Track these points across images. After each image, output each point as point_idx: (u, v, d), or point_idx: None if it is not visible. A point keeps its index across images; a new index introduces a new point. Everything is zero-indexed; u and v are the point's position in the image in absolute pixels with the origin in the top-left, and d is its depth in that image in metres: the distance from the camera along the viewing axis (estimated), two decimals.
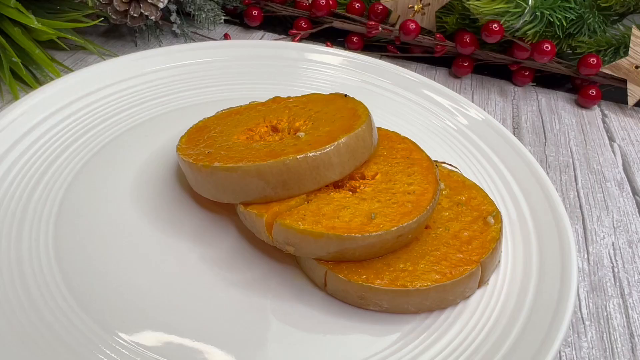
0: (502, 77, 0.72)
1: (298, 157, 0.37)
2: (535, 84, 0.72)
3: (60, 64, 0.61)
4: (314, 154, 0.37)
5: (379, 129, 0.46)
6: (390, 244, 0.36)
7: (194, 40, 0.72)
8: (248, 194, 0.38)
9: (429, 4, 0.68)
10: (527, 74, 0.70)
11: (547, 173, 0.55)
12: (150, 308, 0.36)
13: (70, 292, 0.36)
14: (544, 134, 0.62)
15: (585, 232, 0.49)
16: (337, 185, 0.40)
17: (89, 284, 0.37)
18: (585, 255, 0.47)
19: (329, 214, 0.37)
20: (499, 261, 0.41)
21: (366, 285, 0.35)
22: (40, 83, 0.58)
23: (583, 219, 0.51)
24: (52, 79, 0.57)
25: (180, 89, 0.55)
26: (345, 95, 0.46)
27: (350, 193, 0.39)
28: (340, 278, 0.36)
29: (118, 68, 0.54)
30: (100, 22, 0.62)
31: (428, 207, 0.37)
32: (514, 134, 0.61)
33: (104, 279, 0.37)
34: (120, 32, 0.72)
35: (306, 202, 0.38)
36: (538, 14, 0.64)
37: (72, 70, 0.60)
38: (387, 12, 0.71)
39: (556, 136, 0.62)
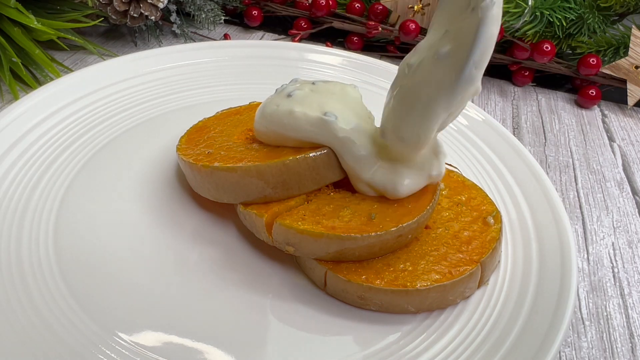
0: (502, 77, 0.72)
1: (298, 157, 0.37)
2: (535, 84, 0.72)
3: (60, 64, 0.61)
4: (313, 154, 0.37)
5: None
6: (390, 244, 0.36)
7: (194, 40, 0.72)
8: (248, 194, 0.38)
9: (429, 4, 0.68)
10: (527, 74, 0.70)
11: (547, 173, 0.56)
12: (150, 308, 0.36)
13: (70, 292, 0.36)
14: (544, 134, 0.62)
15: (585, 232, 0.49)
16: (337, 185, 0.40)
17: (89, 284, 0.37)
18: (585, 255, 0.47)
19: (329, 214, 0.37)
20: (499, 261, 0.41)
21: (366, 285, 0.35)
22: (40, 83, 0.58)
23: (583, 219, 0.51)
24: (52, 79, 0.57)
25: (180, 89, 0.55)
26: None
27: (350, 193, 0.39)
28: (340, 278, 0.36)
29: (118, 68, 0.54)
30: (100, 22, 0.62)
31: (428, 207, 0.37)
32: (514, 134, 0.61)
33: (103, 279, 0.37)
34: (120, 32, 0.72)
35: (306, 202, 0.38)
36: (538, 14, 0.64)
37: (72, 70, 0.60)
38: (387, 12, 0.71)
39: (556, 136, 0.62)
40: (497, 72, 0.73)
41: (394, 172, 0.37)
